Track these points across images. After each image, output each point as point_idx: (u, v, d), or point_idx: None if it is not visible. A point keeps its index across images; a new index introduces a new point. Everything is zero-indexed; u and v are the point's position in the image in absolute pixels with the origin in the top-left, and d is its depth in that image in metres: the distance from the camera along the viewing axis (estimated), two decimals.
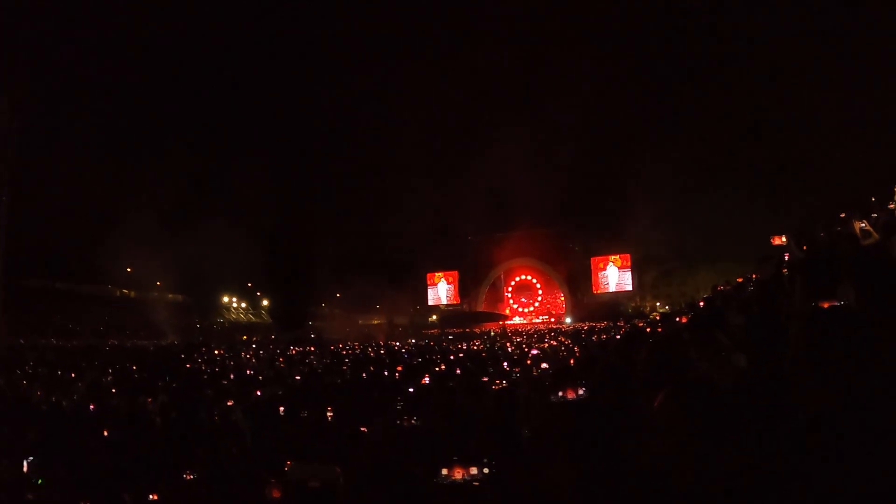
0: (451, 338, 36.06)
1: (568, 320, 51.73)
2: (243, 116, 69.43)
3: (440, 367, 12.55)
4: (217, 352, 26.34)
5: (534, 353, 14.77)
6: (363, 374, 12.49)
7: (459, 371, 11.24)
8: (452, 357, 16.18)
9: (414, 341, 33.05)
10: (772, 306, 3.55)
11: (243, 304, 64.23)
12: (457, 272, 63.00)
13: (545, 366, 9.87)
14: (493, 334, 36.72)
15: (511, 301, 61.27)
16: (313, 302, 59.72)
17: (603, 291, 55.92)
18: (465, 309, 60.50)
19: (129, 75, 51.91)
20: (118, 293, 50.70)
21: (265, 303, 65.25)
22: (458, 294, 63.12)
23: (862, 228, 5.55)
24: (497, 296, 61.50)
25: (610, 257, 55.92)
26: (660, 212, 41.46)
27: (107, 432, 6.62)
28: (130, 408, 8.24)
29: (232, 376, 13.32)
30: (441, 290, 64.03)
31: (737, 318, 3.66)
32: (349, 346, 29.55)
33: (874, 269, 3.08)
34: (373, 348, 26.13)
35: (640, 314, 42.53)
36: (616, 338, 16.19)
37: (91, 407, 8.64)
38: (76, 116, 41.17)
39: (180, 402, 8.40)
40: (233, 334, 48.34)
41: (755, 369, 2.44)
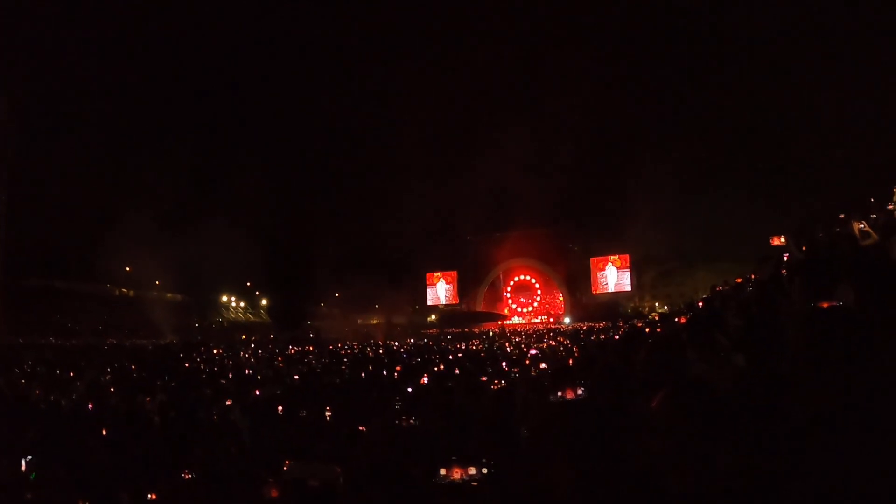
0: (449, 337, 36.02)
1: (567, 320, 51.65)
2: (243, 116, 69.55)
3: (439, 366, 12.53)
4: (216, 351, 26.33)
5: (532, 352, 14.76)
6: (362, 374, 12.47)
7: (458, 371, 11.22)
8: (451, 357, 16.15)
9: (413, 341, 32.99)
10: (771, 307, 3.54)
11: (242, 304, 64.24)
12: (456, 272, 63.03)
13: (544, 366, 9.85)
14: (491, 334, 36.69)
15: (510, 301, 61.23)
16: (312, 301, 59.75)
17: (602, 291, 55.96)
18: (464, 309, 60.52)
19: (128, 75, 52.01)
20: (117, 292, 50.72)
21: (264, 302, 65.30)
22: (456, 294, 63.14)
23: (861, 229, 5.55)
24: (496, 296, 61.45)
25: (609, 257, 55.95)
26: (659, 212, 41.53)
27: (105, 431, 6.61)
28: (129, 407, 8.22)
29: (230, 375, 13.29)
30: (440, 290, 64.04)
31: (735, 318, 3.66)
32: (348, 345, 29.50)
33: (873, 269, 3.08)
34: (371, 348, 26.08)
35: (638, 314, 42.56)
36: (615, 338, 16.17)
37: (90, 406, 8.62)
38: (76, 116, 41.21)
39: (179, 401, 8.36)
40: (231, 334, 48.28)
41: (754, 369, 2.44)
